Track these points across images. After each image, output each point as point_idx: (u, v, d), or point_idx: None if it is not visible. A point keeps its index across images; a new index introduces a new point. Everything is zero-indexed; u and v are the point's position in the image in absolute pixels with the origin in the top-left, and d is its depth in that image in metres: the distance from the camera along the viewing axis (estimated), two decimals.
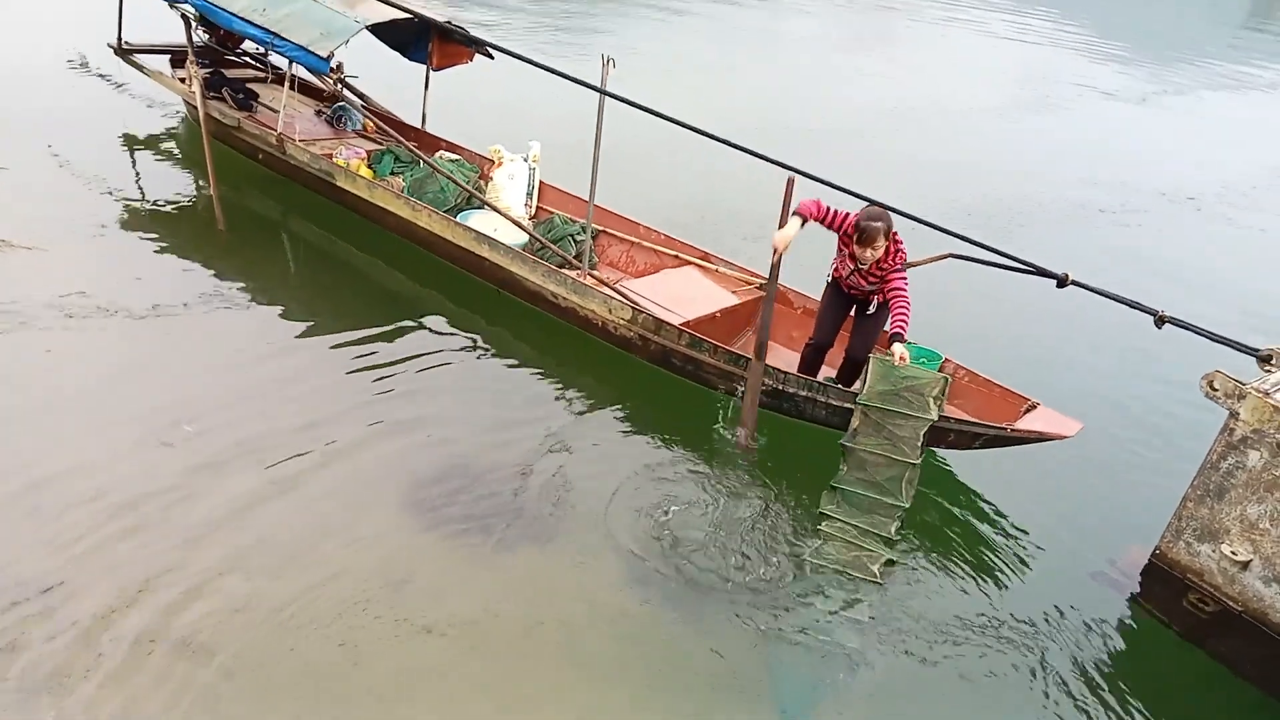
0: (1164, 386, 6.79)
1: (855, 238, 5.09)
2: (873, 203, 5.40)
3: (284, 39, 6.92)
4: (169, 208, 7.44)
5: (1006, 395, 5.62)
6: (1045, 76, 15.99)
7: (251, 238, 7.22)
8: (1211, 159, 12.72)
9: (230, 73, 8.69)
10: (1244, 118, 15.58)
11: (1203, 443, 4.52)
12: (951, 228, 5.85)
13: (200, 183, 7.73)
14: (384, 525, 4.58)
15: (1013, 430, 5.19)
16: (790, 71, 14.23)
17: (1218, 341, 5.12)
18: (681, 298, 6.31)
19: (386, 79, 8.70)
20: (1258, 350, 4.90)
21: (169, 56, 8.85)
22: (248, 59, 9.25)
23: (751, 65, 14.11)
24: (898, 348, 5.02)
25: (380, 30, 7.72)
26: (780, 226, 5.24)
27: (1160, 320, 5.42)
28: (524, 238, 6.89)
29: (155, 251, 6.72)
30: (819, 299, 5.80)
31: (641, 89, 6.36)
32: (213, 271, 6.53)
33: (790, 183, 5.39)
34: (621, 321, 6.07)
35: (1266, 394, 4.11)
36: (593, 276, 6.38)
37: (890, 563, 4.79)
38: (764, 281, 6.13)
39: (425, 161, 7.13)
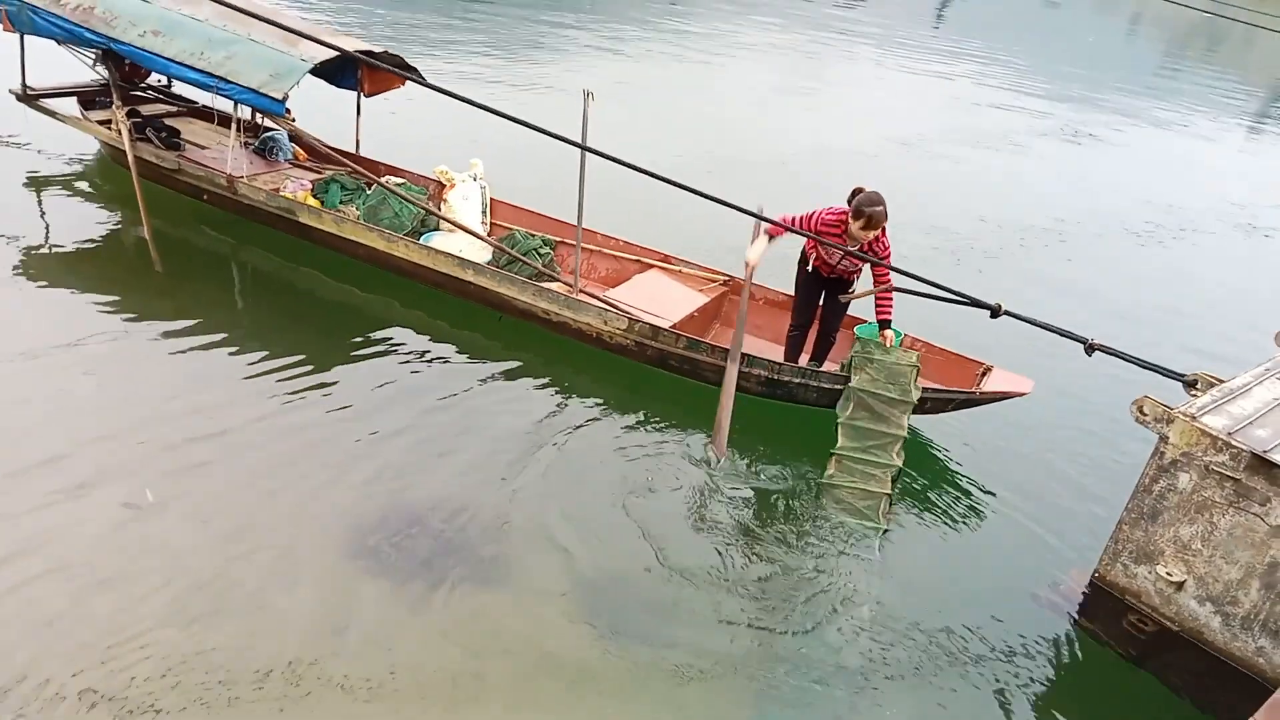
0: (1099, 413, 6.97)
1: (863, 221, 5.53)
2: (762, 219, 5.74)
3: (231, 82, 6.79)
4: (98, 253, 7.22)
5: (962, 361, 6.37)
6: (975, 115, 16.51)
7: (192, 277, 7.05)
8: (1138, 192, 13.21)
9: (144, 109, 8.40)
10: (1165, 154, 16.25)
11: (1139, 467, 4.66)
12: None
13: (131, 225, 7.54)
14: (325, 573, 4.47)
15: (980, 393, 6.05)
16: (728, 108, 14.50)
17: (1146, 368, 5.29)
18: (661, 301, 6.72)
19: (296, 104, 8.57)
20: (1183, 375, 5.07)
21: (76, 98, 8.35)
22: (154, 92, 8.94)
23: (691, 101, 14.34)
24: (888, 333, 5.90)
25: None
26: (751, 242, 5.81)
27: (1090, 348, 5.58)
28: (490, 255, 7.07)
29: (87, 298, 6.48)
30: (776, 290, 6.75)
31: (576, 122, 6.44)
32: (150, 314, 6.36)
33: (756, 227, 5.81)
34: (618, 331, 6.42)
35: (1193, 418, 4.24)
36: (584, 292, 6.60)
37: (890, 502, 5.47)
38: (726, 278, 7.09)
39: (380, 185, 7.16)
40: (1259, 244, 12.02)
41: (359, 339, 6.57)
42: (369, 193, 7.61)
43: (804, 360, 6.43)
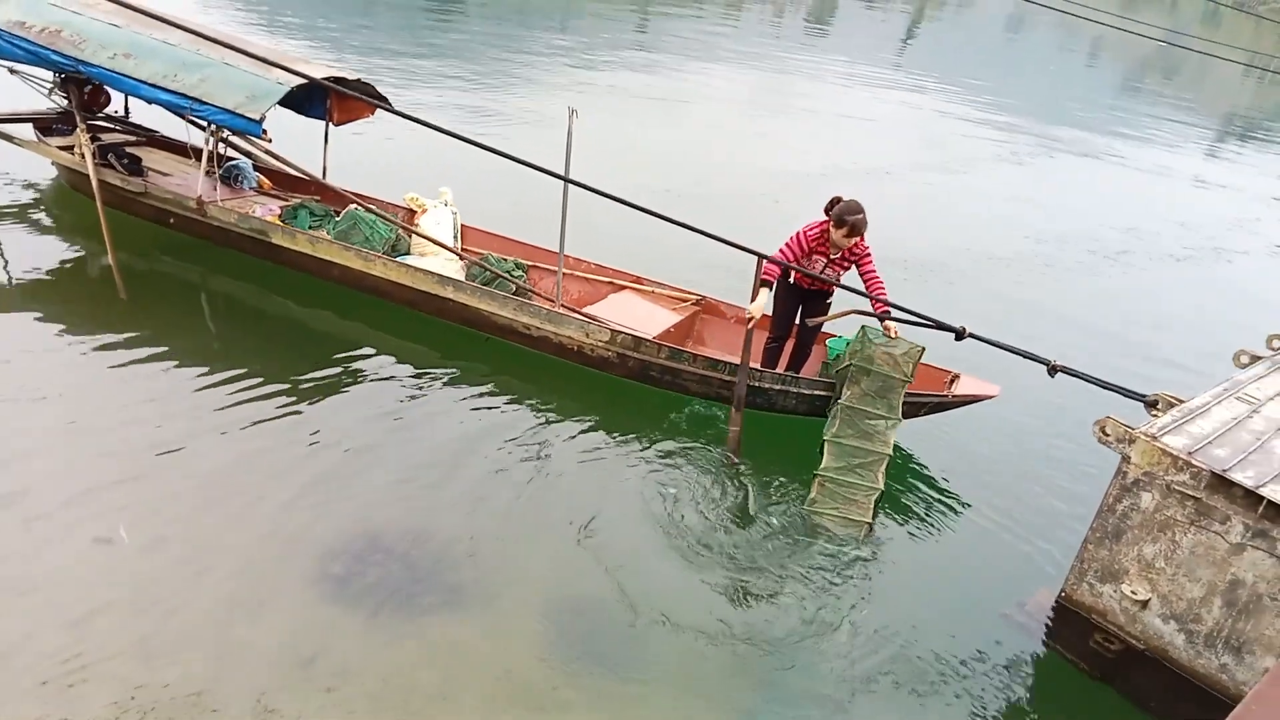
0: (1064, 433, 7.06)
1: (846, 230, 5.88)
2: (763, 257, 5.95)
3: (206, 104, 6.80)
4: (59, 281, 7.11)
5: (930, 369, 6.49)
6: (940, 141, 16.77)
7: (159, 304, 6.97)
8: (1100, 216, 13.46)
9: (104, 138, 8.30)
10: (1125, 179, 16.57)
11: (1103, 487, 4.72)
12: (855, 285, 6.13)
13: (93, 252, 7.46)
14: (290, 602, 4.41)
15: (952, 396, 6.31)
16: (696, 133, 14.62)
17: (1107, 388, 5.39)
18: (638, 318, 6.92)
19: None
20: (1145, 396, 5.17)
21: (32, 125, 8.19)
22: (112, 121, 8.80)
23: (658, 127, 14.45)
24: (890, 324, 6.05)
25: None
26: (752, 299, 6.02)
27: (1053, 369, 5.69)
28: (461, 277, 7.15)
29: (51, 327, 6.38)
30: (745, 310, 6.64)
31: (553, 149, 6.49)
32: (116, 342, 6.27)
33: (757, 265, 5.97)
34: (600, 344, 6.57)
35: (1154, 437, 4.31)
36: (565, 305, 6.77)
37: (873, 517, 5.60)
38: (698, 297, 7.40)
39: (350, 210, 7.20)
40: (1216, 266, 12.28)
41: (331, 362, 6.54)
42: (338, 219, 7.60)
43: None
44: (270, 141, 7.22)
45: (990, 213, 13.06)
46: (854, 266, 6.17)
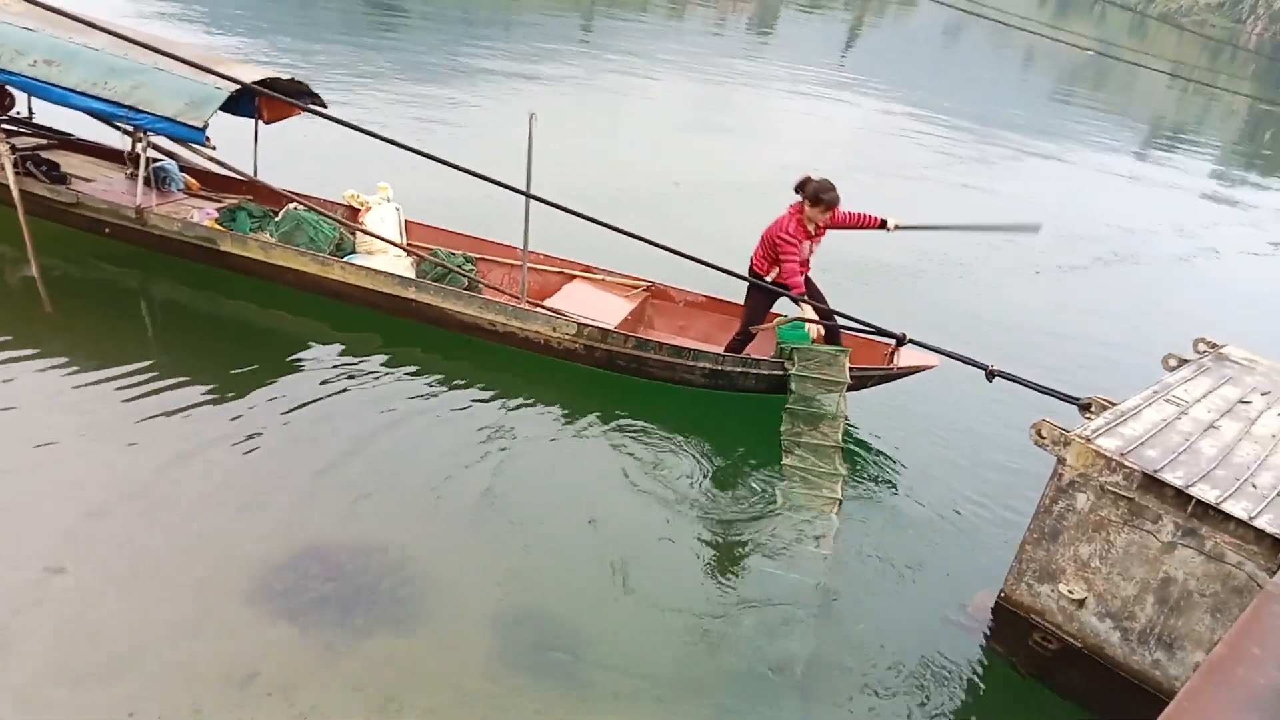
0: (1003, 436, 7.20)
1: (822, 207, 6.27)
2: (729, 272, 6.13)
3: (143, 112, 6.55)
4: None
5: (872, 343, 6.88)
6: (877, 147, 17.03)
7: (90, 316, 6.72)
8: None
9: (15, 142, 7.74)
10: (1058, 185, 17.00)
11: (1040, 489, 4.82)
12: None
13: (10, 264, 7.12)
14: (231, 621, 4.30)
15: (896, 368, 6.77)
16: (638, 138, 14.65)
17: (1043, 392, 5.51)
18: (597, 308, 7.09)
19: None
20: (1078, 399, 5.29)
21: None
22: (15, 124, 8.34)
23: (602, 131, 14.46)
24: (812, 329, 6.37)
25: None
26: (807, 320, 6.38)
27: (991, 374, 5.81)
28: (412, 274, 7.14)
29: None
30: (697, 293, 7.45)
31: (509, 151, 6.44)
32: (42, 357, 6.02)
33: (796, 302, 6.39)
34: (567, 336, 6.70)
35: (1088, 440, 4.41)
36: (530, 301, 6.95)
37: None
38: (648, 283, 7.56)
39: (291, 209, 7.09)
40: (1145, 271, 12.64)
41: (277, 368, 6.39)
42: (278, 219, 7.45)
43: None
44: (214, 149, 7.01)
45: (925, 218, 13.26)
46: (828, 230, 6.56)
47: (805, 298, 6.35)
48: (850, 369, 6.52)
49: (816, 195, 6.24)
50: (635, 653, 4.53)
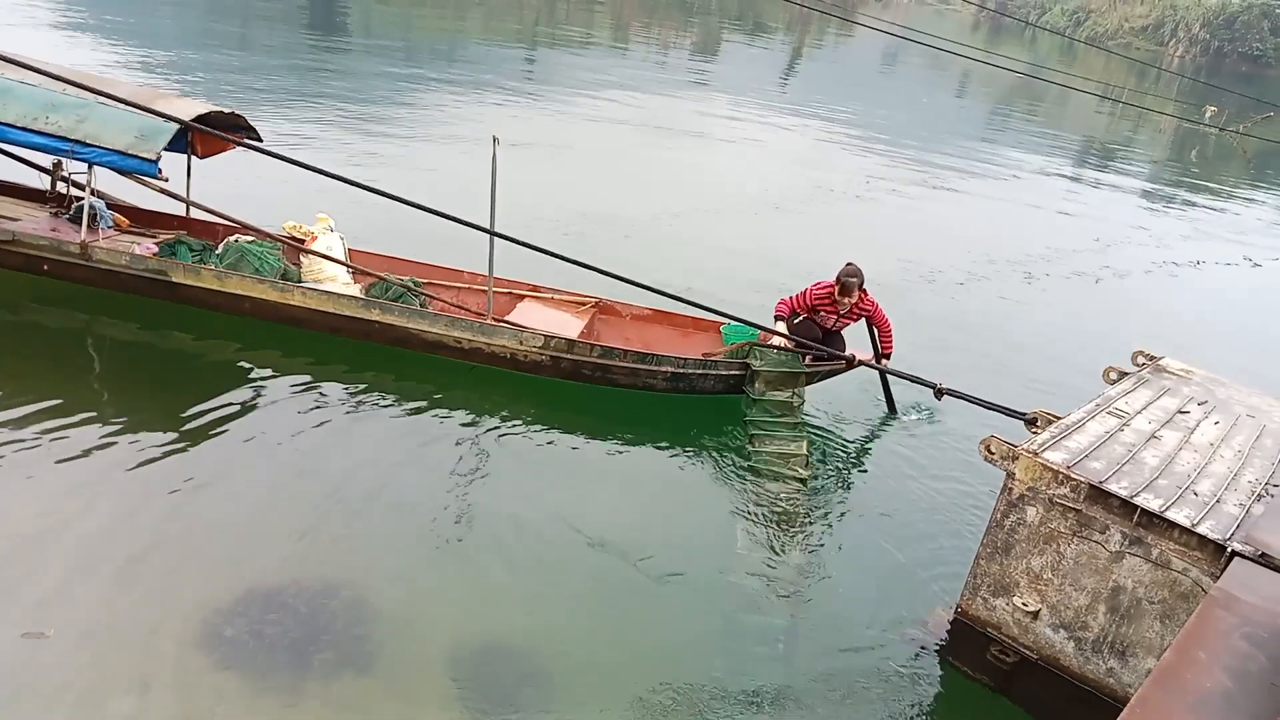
0: (954, 455, 7.31)
1: (839, 289, 6.86)
2: (677, 299, 6.24)
3: (91, 145, 6.48)
4: None
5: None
6: (818, 171, 17.27)
7: (30, 355, 6.59)
8: (974, 241, 14.08)
9: None
10: (996, 204, 17.42)
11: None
12: (748, 317, 6.27)
13: None
14: (178, 671, 4.18)
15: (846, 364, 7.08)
16: (584, 167, 14.73)
17: (990, 408, 5.62)
18: (555, 323, 7.30)
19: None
20: (1024, 414, 5.41)
21: None
22: None
23: (547, 160, 14.51)
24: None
25: None
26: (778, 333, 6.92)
27: (939, 392, 5.93)
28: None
29: None
30: (642, 307, 7.80)
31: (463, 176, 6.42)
32: None
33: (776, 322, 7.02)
34: (533, 349, 6.89)
35: (1036, 454, 4.51)
36: (495, 317, 7.10)
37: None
38: (595, 300, 7.84)
39: (233, 241, 7.03)
40: (1083, 287, 12.96)
41: (229, 402, 6.28)
42: (219, 251, 7.36)
43: None
44: (166, 180, 6.88)
45: (868, 239, 13.50)
46: (864, 319, 7.14)
47: (782, 319, 7.16)
48: (810, 366, 7.04)
49: (838, 279, 6.88)
50: (603, 681, 4.50)
